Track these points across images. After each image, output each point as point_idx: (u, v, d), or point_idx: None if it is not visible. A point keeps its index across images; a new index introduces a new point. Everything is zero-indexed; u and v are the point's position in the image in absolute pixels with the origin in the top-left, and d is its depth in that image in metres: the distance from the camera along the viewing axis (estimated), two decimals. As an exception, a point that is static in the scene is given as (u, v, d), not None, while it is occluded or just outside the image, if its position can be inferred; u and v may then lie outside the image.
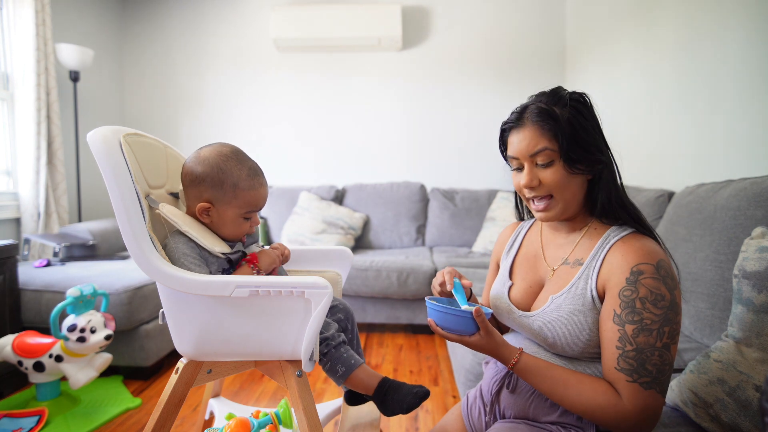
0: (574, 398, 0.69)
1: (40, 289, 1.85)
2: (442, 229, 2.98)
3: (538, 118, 0.74)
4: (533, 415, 0.78)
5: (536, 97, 0.78)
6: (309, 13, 3.03)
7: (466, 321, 0.71)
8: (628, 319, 0.66)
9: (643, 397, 0.64)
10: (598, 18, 2.66)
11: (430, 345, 2.35)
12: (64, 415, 1.58)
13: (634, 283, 0.67)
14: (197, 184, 0.81)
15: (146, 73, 3.34)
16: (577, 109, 0.74)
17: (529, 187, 0.76)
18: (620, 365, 0.66)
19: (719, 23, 1.62)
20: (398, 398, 0.80)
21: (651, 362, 0.64)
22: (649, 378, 0.64)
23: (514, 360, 0.73)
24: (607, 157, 0.75)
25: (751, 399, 0.77)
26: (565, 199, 0.76)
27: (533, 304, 0.83)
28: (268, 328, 0.78)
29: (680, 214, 1.43)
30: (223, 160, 0.81)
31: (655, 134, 2.06)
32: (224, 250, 0.82)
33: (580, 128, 0.73)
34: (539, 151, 0.74)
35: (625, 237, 0.73)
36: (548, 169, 0.74)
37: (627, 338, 0.66)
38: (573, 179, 0.75)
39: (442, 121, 3.26)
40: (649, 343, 0.65)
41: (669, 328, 0.65)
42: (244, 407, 1.15)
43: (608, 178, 0.75)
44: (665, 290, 0.66)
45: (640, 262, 0.68)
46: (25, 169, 2.39)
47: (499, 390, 0.85)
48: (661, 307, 0.65)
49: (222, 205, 0.82)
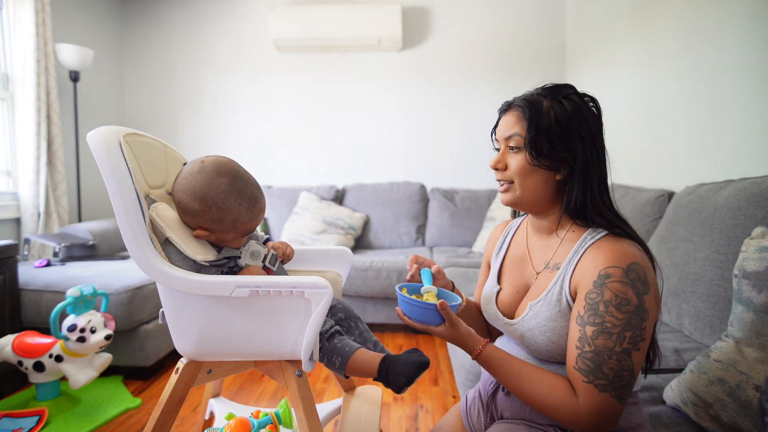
0: (532, 393, 0.69)
1: (40, 289, 1.85)
2: (442, 229, 2.98)
3: (520, 104, 0.76)
4: (530, 417, 0.78)
5: (536, 88, 0.79)
6: (309, 14, 3.03)
7: (431, 312, 0.74)
8: (590, 321, 0.66)
9: (597, 399, 0.64)
10: (597, 19, 2.66)
11: (430, 345, 2.35)
12: (64, 415, 1.58)
13: (601, 287, 0.66)
14: (193, 216, 0.78)
15: (146, 73, 3.34)
16: (567, 106, 0.73)
17: (494, 168, 0.80)
18: (578, 365, 0.66)
19: (719, 23, 1.62)
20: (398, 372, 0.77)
21: (608, 365, 0.64)
22: (605, 381, 0.64)
23: (477, 351, 0.74)
24: (583, 160, 0.72)
25: (751, 399, 0.77)
26: (524, 189, 0.76)
27: (516, 310, 0.82)
28: (268, 328, 0.78)
29: (680, 214, 1.43)
30: (221, 198, 0.76)
31: (655, 134, 2.06)
32: (207, 257, 0.78)
33: (557, 124, 0.72)
34: (510, 135, 0.77)
35: (599, 240, 0.71)
36: (516, 155, 0.76)
37: (586, 339, 0.65)
38: (536, 171, 0.75)
39: (442, 121, 3.26)
40: (608, 347, 0.64)
41: (631, 333, 0.64)
42: (244, 407, 1.15)
43: (581, 180, 0.73)
44: (632, 295, 0.65)
45: (609, 265, 0.67)
46: (25, 169, 2.39)
47: (494, 392, 0.85)
48: (625, 312, 0.64)
49: (221, 233, 0.80)
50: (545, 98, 0.75)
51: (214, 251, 0.81)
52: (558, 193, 0.77)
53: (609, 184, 0.76)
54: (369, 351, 0.82)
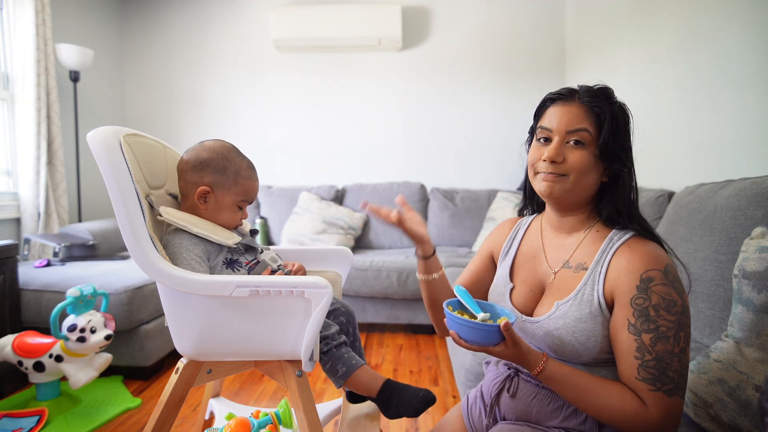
0: (600, 407, 0.68)
1: (40, 289, 1.85)
2: (442, 229, 2.98)
3: (590, 99, 0.73)
4: (535, 419, 0.78)
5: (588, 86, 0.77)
6: (309, 14, 3.03)
7: (492, 334, 0.68)
8: (644, 328, 0.66)
9: (668, 404, 0.64)
10: (598, 18, 2.66)
11: (430, 345, 2.35)
12: (64, 415, 1.58)
13: (646, 291, 0.66)
14: (200, 169, 0.85)
15: (146, 73, 3.34)
16: (625, 110, 0.76)
17: (552, 161, 0.73)
18: (641, 375, 0.65)
19: (719, 23, 1.62)
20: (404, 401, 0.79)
21: (672, 369, 0.64)
22: (672, 385, 0.64)
23: (539, 368, 0.71)
24: (630, 167, 0.76)
25: (751, 399, 0.77)
26: (579, 185, 0.74)
27: (536, 308, 0.81)
28: (268, 328, 0.78)
29: (680, 214, 1.43)
30: (227, 150, 0.88)
31: (655, 134, 2.06)
32: (236, 240, 0.87)
33: (621, 127, 0.74)
34: (579, 129, 0.73)
35: (628, 241, 0.72)
36: (578, 150, 0.73)
37: (645, 348, 0.65)
38: (594, 170, 0.74)
39: (442, 121, 3.26)
40: (668, 351, 0.65)
41: (684, 332, 0.65)
42: (244, 407, 1.15)
43: (626, 185, 0.75)
44: (676, 295, 0.66)
45: (648, 268, 0.67)
46: (25, 169, 2.39)
47: (499, 393, 0.85)
48: (675, 313, 0.65)
49: (221, 190, 0.86)
50: (608, 99, 0.75)
51: (236, 236, 0.87)
52: (597, 194, 0.78)
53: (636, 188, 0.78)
54: (371, 371, 0.84)
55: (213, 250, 0.84)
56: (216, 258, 0.84)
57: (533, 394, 0.79)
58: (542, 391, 0.79)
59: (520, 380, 0.82)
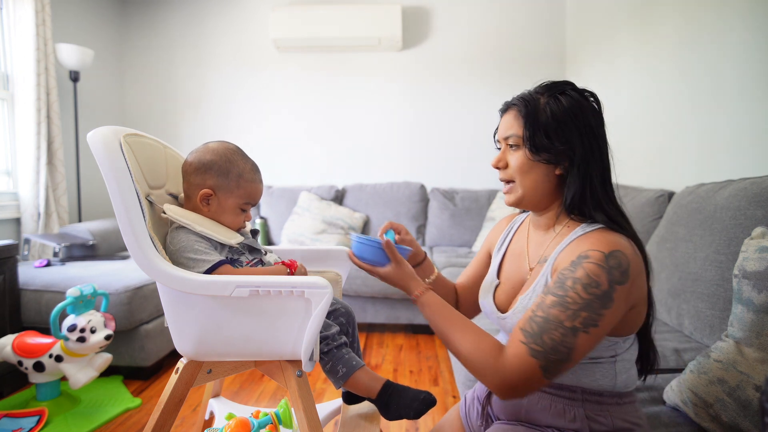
0: (459, 341, 0.71)
1: (40, 289, 1.85)
2: (442, 229, 2.98)
3: (516, 103, 0.77)
4: (526, 418, 0.78)
5: (535, 86, 0.79)
6: (309, 14, 3.03)
7: (378, 251, 0.80)
8: (553, 291, 0.66)
9: (524, 360, 0.63)
10: (598, 17, 2.66)
11: (430, 345, 2.35)
12: (64, 415, 1.58)
13: (576, 265, 0.65)
14: (203, 172, 0.85)
15: (146, 73, 3.34)
16: (564, 101, 0.73)
17: (495, 167, 0.81)
18: (523, 325, 0.66)
19: (720, 23, 1.62)
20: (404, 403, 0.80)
21: (550, 336, 0.63)
22: (541, 348, 0.63)
23: (419, 292, 0.77)
24: (582, 153, 0.72)
25: (751, 399, 0.77)
26: (525, 186, 0.76)
27: (510, 305, 0.82)
28: (268, 328, 0.78)
29: (680, 214, 1.43)
30: (230, 153, 0.88)
31: (655, 134, 2.06)
32: (239, 240, 0.86)
33: (554, 119, 0.72)
34: (511, 134, 0.77)
35: (590, 232, 0.70)
36: (515, 153, 0.77)
37: (543, 306, 0.65)
38: (536, 167, 0.75)
39: (442, 121, 3.26)
40: (559, 319, 0.63)
41: (587, 314, 0.62)
42: (244, 407, 1.15)
43: (580, 173, 0.72)
44: (605, 280, 0.63)
45: (591, 248, 0.66)
46: (25, 169, 2.39)
47: (489, 394, 0.86)
48: (591, 294, 0.63)
49: (224, 193, 0.86)
50: (542, 95, 0.76)
51: (238, 236, 0.87)
52: (558, 188, 0.77)
53: (613, 180, 0.76)
54: (371, 372, 0.84)
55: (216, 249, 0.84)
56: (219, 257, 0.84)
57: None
58: None
59: None
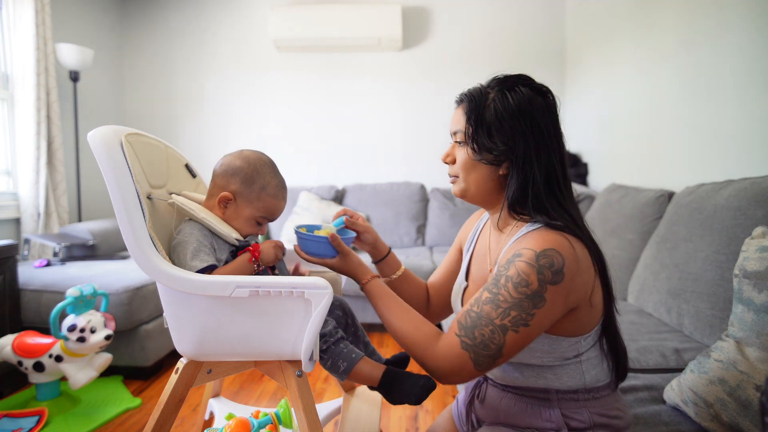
0: (399, 327, 0.74)
1: (40, 289, 1.85)
2: (442, 229, 2.98)
3: (463, 99, 0.77)
4: (504, 420, 0.79)
5: (489, 79, 0.77)
6: (309, 14, 3.03)
7: (323, 245, 0.80)
8: (489, 288, 0.67)
9: (455, 351, 0.66)
10: (598, 18, 2.66)
11: (430, 345, 2.34)
12: (64, 415, 1.58)
13: (509, 263, 0.66)
14: (229, 176, 0.85)
15: (146, 73, 3.34)
16: (511, 99, 0.70)
17: (444, 162, 0.80)
18: (460, 318, 0.68)
19: (720, 23, 1.62)
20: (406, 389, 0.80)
21: (480, 331, 0.65)
22: (471, 342, 0.65)
23: (366, 279, 0.79)
24: (523, 155, 0.69)
25: (752, 398, 0.77)
26: (468, 183, 0.76)
27: None
28: (268, 328, 0.78)
29: (680, 214, 1.43)
30: (260, 164, 0.87)
31: (655, 134, 2.06)
32: (238, 236, 0.86)
33: (498, 118, 0.70)
34: (456, 130, 0.77)
35: (531, 231, 0.69)
36: (461, 150, 0.77)
37: (479, 301, 0.67)
38: (478, 166, 0.74)
39: (442, 121, 3.26)
40: (490, 316, 0.65)
41: (516, 313, 0.63)
42: (244, 407, 1.15)
43: (520, 175, 0.70)
44: (534, 279, 0.63)
45: (525, 247, 0.66)
46: (25, 169, 2.39)
47: (471, 400, 0.87)
48: (520, 293, 0.63)
49: (243, 201, 0.85)
50: (492, 90, 0.73)
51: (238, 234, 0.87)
52: (503, 187, 0.75)
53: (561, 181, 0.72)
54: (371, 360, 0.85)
55: (219, 247, 0.84)
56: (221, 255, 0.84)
57: (500, 397, 0.80)
58: (507, 394, 0.79)
59: (488, 386, 0.84)
